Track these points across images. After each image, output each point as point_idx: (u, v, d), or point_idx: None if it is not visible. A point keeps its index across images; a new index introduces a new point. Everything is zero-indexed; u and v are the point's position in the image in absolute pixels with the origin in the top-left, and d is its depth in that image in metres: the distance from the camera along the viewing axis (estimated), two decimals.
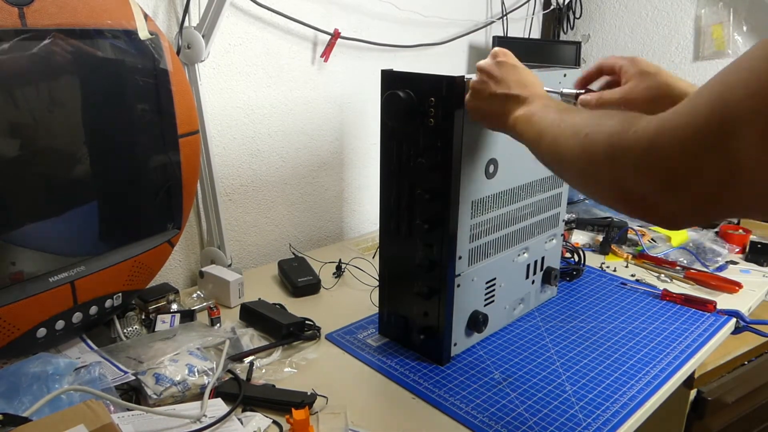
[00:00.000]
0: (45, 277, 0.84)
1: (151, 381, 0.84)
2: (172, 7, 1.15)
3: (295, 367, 0.95)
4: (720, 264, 1.38)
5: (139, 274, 0.97)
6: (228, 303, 1.15)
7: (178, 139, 0.98)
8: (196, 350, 0.91)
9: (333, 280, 1.29)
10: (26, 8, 0.74)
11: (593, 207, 1.69)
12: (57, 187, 0.85)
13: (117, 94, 0.90)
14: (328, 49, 1.41)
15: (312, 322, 1.06)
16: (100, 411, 0.63)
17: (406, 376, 0.94)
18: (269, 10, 1.27)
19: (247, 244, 1.39)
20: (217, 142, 1.27)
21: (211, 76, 1.23)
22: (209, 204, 1.24)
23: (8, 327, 0.80)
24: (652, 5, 1.90)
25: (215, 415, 0.80)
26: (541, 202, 1.09)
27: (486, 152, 0.92)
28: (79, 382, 0.78)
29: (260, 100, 1.33)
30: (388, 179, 0.97)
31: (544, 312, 1.16)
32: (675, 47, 1.88)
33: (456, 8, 1.73)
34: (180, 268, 1.28)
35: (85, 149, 0.87)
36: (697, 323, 1.13)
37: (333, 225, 1.57)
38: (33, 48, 0.77)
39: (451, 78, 0.84)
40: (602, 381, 0.94)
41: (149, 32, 0.90)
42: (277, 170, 1.41)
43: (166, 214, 1.01)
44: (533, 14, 2.03)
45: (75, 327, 0.90)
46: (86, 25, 0.82)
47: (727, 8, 1.76)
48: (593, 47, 2.06)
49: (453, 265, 0.92)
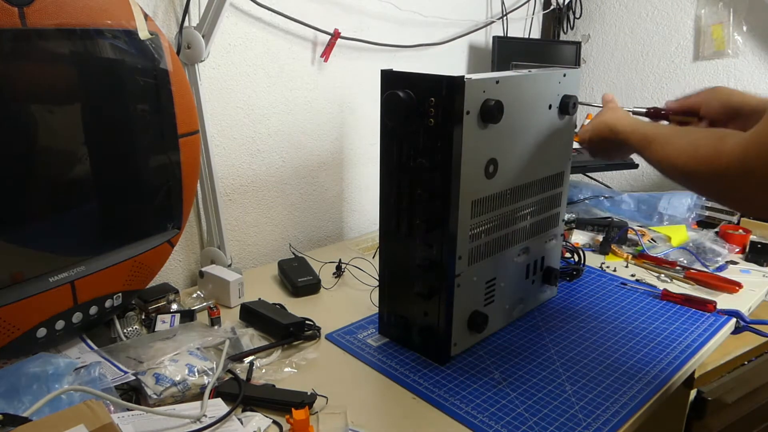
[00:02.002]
0: (45, 277, 0.84)
1: (151, 381, 0.84)
2: (172, 7, 1.15)
3: (295, 367, 0.95)
4: (720, 264, 1.38)
5: (139, 274, 0.97)
6: (228, 303, 1.15)
7: (178, 139, 0.98)
8: (196, 350, 0.91)
9: (333, 280, 1.29)
10: (26, 8, 0.74)
11: (593, 207, 1.69)
12: (57, 187, 0.85)
13: (117, 94, 0.90)
14: (328, 49, 1.41)
15: (312, 322, 1.06)
16: (100, 411, 0.63)
17: (406, 376, 0.94)
18: (269, 10, 1.27)
19: (247, 244, 1.39)
20: (217, 142, 1.27)
21: (211, 76, 1.23)
22: (209, 204, 1.24)
23: (8, 327, 0.80)
24: (652, 5, 1.90)
25: (215, 415, 0.80)
26: (541, 202, 1.09)
27: (486, 152, 0.92)
28: (79, 382, 0.78)
29: (260, 100, 1.33)
30: (388, 179, 0.97)
31: (544, 312, 1.16)
32: (675, 47, 1.88)
33: (456, 8, 1.73)
34: (180, 268, 1.28)
35: (85, 149, 0.87)
36: (697, 323, 1.13)
37: (333, 225, 1.57)
38: (33, 48, 0.78)
39: (451, 78, 0.84)
40: (602, 381, 0.94)
41: (149, 32, 0.90)
42: (277, 170, 1.41)
43: (166, 214, 1.01)
44: (533, 14, 2.03)
45: (75, 327, 0.90)
46: (86, 25, 0.82)
47: (727, 8, 1.76)
48: (593, 47, 2.06)
49: (453, 265, 0.92)
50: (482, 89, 0.87)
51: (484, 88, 0.87)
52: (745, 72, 1.78)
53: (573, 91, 1.06)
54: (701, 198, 1.62)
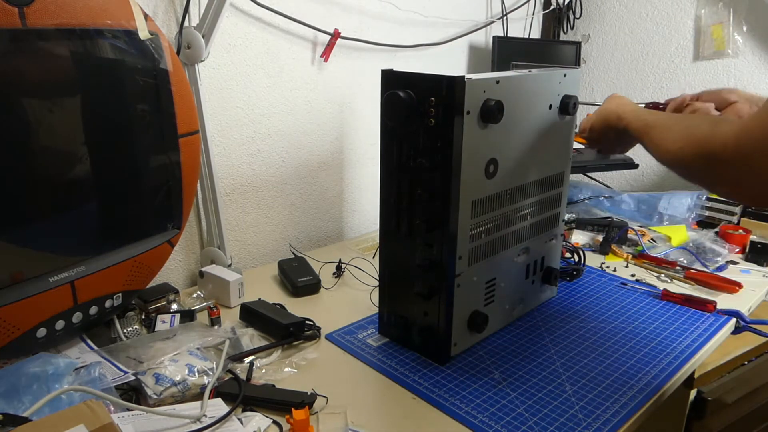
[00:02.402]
0: (45, 277, 0.84)
1: (151, 381, 0.84)
2: (172, 7, 1.15)
3: (295, 367, 0.95)
4: (720, 264, 1.38)
5: (139, 274, 0.97)
6: (228, 303, 1.15)
7: (178, 139, 0.98)
8: (196, 350, 0.91)
9: (333, 280, 1.29)
10: (26, 8, 0.74)
11: (593, 207, 1.69)
12: (57, 187, 0.85)
13: (117, 95, 0.90)
14: (328, 49, 1.41)
15: (312, 322, 1.06)
16: (100, 411, 0.63)
17: (406, 376, 0.94)
18: (269, 10, 1.27)
19: (247, 244, 1.39)
20: (217, 142, 1.27)
21: (211, 76, 1.23)
22: (209, 204, 1.24)
23: (8, 327, 0.80)
24: (652, 5, 1.90)
25: (215, 415, 0.80)
26: (541, 201, 1.09)
27: (486, 152, 0.92)
28: (79, 382, 0.78)
29: (260, 100, 1.33)
30: (388, 179, 0.97)
31: (544, 312, 1.16)
32: (675, 47, 1.88)
33: (456, 8, 1.73)
34: (180, 268, 1.28)
35: (85, 149, 0.87)
36: (697, 323, 1.13)
37: (333, 225, 1.57)
38: (33, 48, 0.77)
39: (451, 78, 0.84)
40: (602, 381, 0.94)
41: (149, 32, 0.90)
42: (277, 170, 1.41)
43: (166, 214, 1.01)
44: (533, 14, 2.03)
45: (75, 327, 0.90)
46: (86, 25, 0.82)
47: (727, 8, 1.76)
48: (593, 47, 2.06)
49: (453, 265, 0.92)
50: (482, 89, 0.87)
51: (485, 88, 0.87)
52: (745, 72, 1.78)
53: (573, 91, 1.06)
54: (701, 198, 1.62)
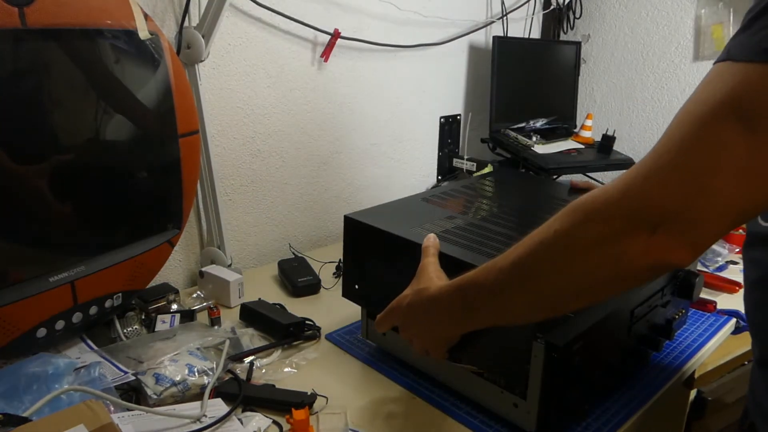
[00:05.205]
0: (45, 277, 0.84)
1: (151, 381, 0.84)
2: (172, 7, 1.15)
3: (295, 367, 0.95)
4: (720, 264, 1.38)
5: (139, 274, 0.97)
6: (228, 303, 1.15)
7: (178, 139, 0.98)
8: (196, 350, 0.91)
9: (333, 280, 1.29)
10: (26, 8, 0.74)
11: None
12: (57, 187, 0.85)
13: (117, 94, 0.90)
14: (328, 49, 1.41)
15: (312, 322, 1.06)
16: (100, 411, 0.63)
17: (406, 375, 0.94)
18: (269, 10, 1.27)
19: (247, 244, 1.39)
20: (217, 142, 1.27)
21: (211, 76, 1.23)
22: (209, 204, 1.24)
23: (8, 327, 0.80)
24: (652, 5, 1.90)
25: (215, 415, 0.80)
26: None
27: None
28: (79, 382, 0.78)
29: (260, 100, 1.33)
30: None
31: None
32: (675, 47, 1.88)
33: (456, 8, 1.73)
34: (180, 268, 1.28)
35: (85, 149, 0.87)
36: (697, 323, 1.13)
37: (333, 225, 1.57)
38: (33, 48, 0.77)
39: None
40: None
41: (149, 32, 0.90)
42: (277, 170, 1.41)
43: (166, 214, 1.01)
44: (533, 14, 2.02)
45: (75, 327, 0.90)
46: (86, 25, 0.82)
47: (727, 8, 1.76)
48: (593, 47, 2.06)
49: None
50: None
51: None
52: None
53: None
54: None
